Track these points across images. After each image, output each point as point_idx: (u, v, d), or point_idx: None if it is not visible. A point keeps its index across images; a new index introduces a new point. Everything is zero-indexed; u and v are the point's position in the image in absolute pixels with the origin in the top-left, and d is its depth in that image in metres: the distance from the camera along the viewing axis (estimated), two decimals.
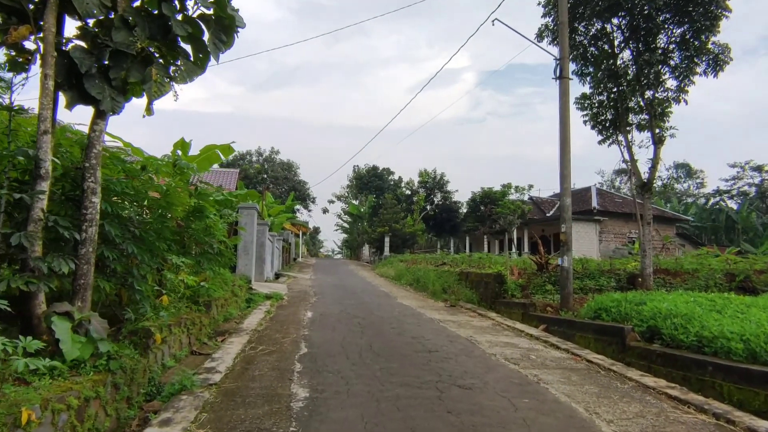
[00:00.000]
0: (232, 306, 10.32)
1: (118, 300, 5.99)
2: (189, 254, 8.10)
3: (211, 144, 8.96)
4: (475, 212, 37.22)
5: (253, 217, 13.31)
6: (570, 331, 8.65)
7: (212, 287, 9.54)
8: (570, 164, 10.97)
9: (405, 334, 8.20)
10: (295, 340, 7.58)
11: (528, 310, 10.55)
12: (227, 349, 6.84)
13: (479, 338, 8.09)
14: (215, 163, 9.26)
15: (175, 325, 6.53)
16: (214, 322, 8.77)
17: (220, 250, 8.78)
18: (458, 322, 10.00)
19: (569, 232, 10.82)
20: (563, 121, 11.05)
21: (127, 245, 5.48)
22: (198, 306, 8.36)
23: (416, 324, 9.44)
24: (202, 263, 8.11)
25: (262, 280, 16.92)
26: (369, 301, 13.13)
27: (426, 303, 13.36)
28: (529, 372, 5.96)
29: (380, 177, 48.57)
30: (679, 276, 12.96)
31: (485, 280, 13.17)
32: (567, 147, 10.98)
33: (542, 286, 12.91)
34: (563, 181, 10.93)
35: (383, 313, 10.79)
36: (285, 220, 28.71)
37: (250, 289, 12.85)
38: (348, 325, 9.00)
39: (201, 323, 7.84)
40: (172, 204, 6.33)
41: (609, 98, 14.89)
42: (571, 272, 10.67)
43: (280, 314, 10.41)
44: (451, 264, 18.90)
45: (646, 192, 12.52)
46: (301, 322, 9.31)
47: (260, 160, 49.83)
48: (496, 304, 12.19)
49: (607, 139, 15.06)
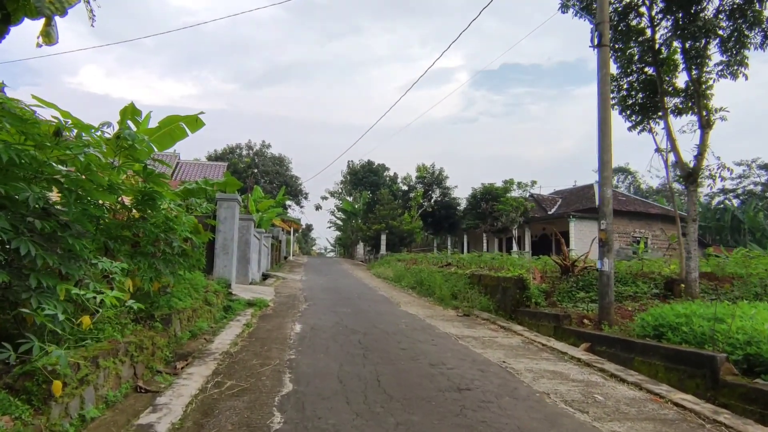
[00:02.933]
0: (204, 318, 8.46)
1: (15, 325, 4.14)
2: (144, 256, 6.24)
3: (173, 115, 7.06)
4: (475, 209, 35.47)
5: (234, 210, 11.44)
6: (625, 354, 6.88)
7: (177, 295, 7.70)
8: (611, 149, 9.19)
9: (420, 359, 6.39)
10: (277, 369, 5.75)
11: (561, 323, 8.78)
12: (182, 385, 4.99)
13: (516, 365, 6.30)
14: (180, 138, 7.38)
15: (108, 354, 4.68)
16: (176, 342, 6.91)
17: (183, 250, 6.92)
18: (480, 338, 8.20)
19: (610, 230, 9.05)
20: (602, 97, 9.27)
21: (21, 244, 3.65)
22: (153, 322, 6.50)
23: (430, 342, 7.64)
24: (157, 266, 6.25)
25: (247, 282, 15.03)
26: (368, 309, 11.31)
27: (434, 311, 11.56)
28: (608, 428, 4.16)
29: (375, 173, 46.63)
30: (727, 281, 11.26)
31: (503, 285, 11.38)
32: (607, 128, 9.20)
33: (569, 292, 11.17)
34: (603, 168, 9.15)
35: (387, 326, 8.97)
36: (275, 215, 26.78)
37: (229, 294, 10.98)
38: (346, 345, 7.18)
39: (154, 346, 5.98)
40: (98, 185, 4.45)
41: (639, 79, 13.19)
42: (612, 278, 8.92)
43: (262, 328, 8.55)
44: (458, 265, 17.09)
45: (692, 183, 10.78)
46: (286, 340, 7.47)
47: (250, 153, 47.74)
48: (518, 314, 10.41)
49: (638, 125, 13.34)
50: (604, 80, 9.27)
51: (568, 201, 37.22)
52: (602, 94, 9.27)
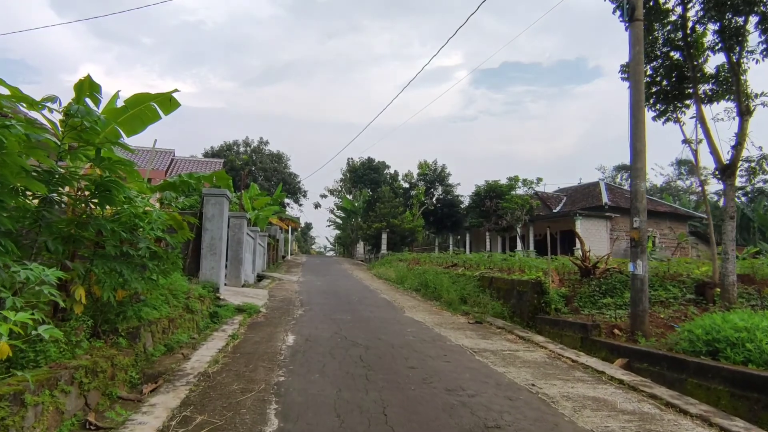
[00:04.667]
0: (184, 328, 7.42)
1: None
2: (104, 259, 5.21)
3: (141, 93, 6.00)
4: (479, 207, 34.35)
5: (223, 206, 10.38)
6: (674, 374, 5.85)
7: (151, 303, 6.67)
8: (645, 136, 8.15)
9: (433, 382, 5.36)
10: (262, 396, 4.71)
11: (590, 334, 7.75)
12: (138, 423, 3.96)
13: (548, 389, 5.27)
14: (151, 121, 6.32)
15: (42, 386, 3.66)
16: (146, 359, 5.88)
17: (154, 252, 5.88)
18: (499, 352, 7.16)
19: (644, 228, 8.03)
20: (635, 78, 8.22)
21: None
22: (117, 337, 5.48)
23: (443, 357, 6.60)
24: (120, 271, 5.21)
25: (239, 284, 13.99)
26: (370, 316, 10.27)
27: (443, 318, 10.51)
28: None
29: (376, 170, 45.48)
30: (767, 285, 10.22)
31: (518, 289, 10.34)
32: (640, 112, 8.17)
33: (591, 296, 10.16)
34: (636, 158, 8.11)
35: (392, 337, 7.94)
36: (271, 213, 25.71)
37: (217, 299, 9.94)
38: (345, 362, 6.15)
39: (114, 367, 4.96)
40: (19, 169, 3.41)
41: (664, 65, 12.15)
42: (646, 282, 7.91)
43: (250, 339, 7.52)
44: (465, 265, 16.03)
45: (729, 177, 9.74)
46: (276, 356, 6.44)
47: (248, 151, 46.61)
48: (537, 322, 9.38)
49: (662, 114, 12.31)
50: (636, 59, 8.23)
51: (573, 199, 36.17)
52: (635, 75, 8.23)
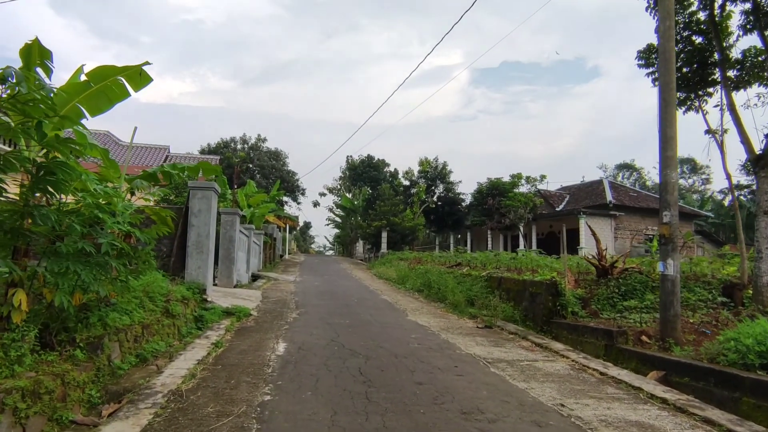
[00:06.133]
0: (162, 335, 6.60)
1: None
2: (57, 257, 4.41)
3: (106, 65, 5.16)
4: (481, 205, 33.53)
5: (211, 201, 9.56)
6: (724, 391, 5.04)
7: (122, 307, 5.85)
8: (675, 122, 7.34)
9: (445, 402, 4.54)
10: (242, 423, 3.90)
11: (615, 341, 6.94)
12: None
13: (581, 410, 4.45)
14: (119, 99, 5.49)
15: None
16: (111, 373, 5.05)
17: (121, 249, 5.07)
18: (516, 363, 6.35)
19: (674, 223, 7.21)
20: (665, 56, 7.41)
21: None
22: (74, 349, 4.66)
23: (453, 370, 5.79)
24: (75, 271, 4.39)
25: (231, 285, 13.17)
26: (370, 320, 9.45)
27: (449, 322, 9.70)
28: None
29: (376, 168, 44.62)
30: None
31: (531, 291, 9.54)
32: (671, 95, 7.35)
33: (609, 298, 9.33)
34: (666, 146, 7.29)
35: (395, 345, 7.13)
36: (268, 211, 24.86)
37: (203, 301, 9.11)
38: (342, 376, 5.34)
39: (65, 386, 4.15)
40: None
41: (686, 50, 11.35)
42: (678, 284, 7.09)
43: (236, 348, 6.70)
44: (470, 265, 15.20)
45: (762, 168, 8.92)
46: (263, 369, 5.62)
47: (245, 148, 45.73)
48: (552, 327, 8.58)
49: (684, 103, 11.51)
50: (666, 35, 7.42)
51: (577, 197, 35.41)
52: (664, 53, 7.42)
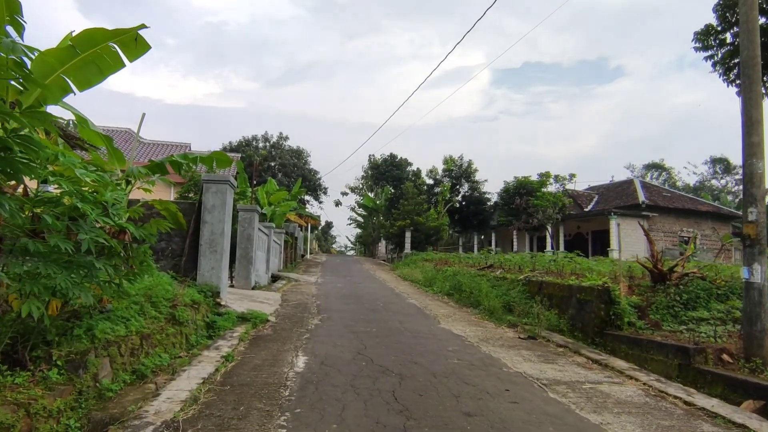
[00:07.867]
0: (165, 345, 5.81)
1: None
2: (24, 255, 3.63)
3: (97, 28, 4.38)
4: (508, 204, 32.31)
5: (226, 196, 8.79)
6: None
7: (118, 315, 5.08)
8: (761, 102, 6.23)
9: None
10: None
11: (692, 360, 5.88)
12: None
13: None
14: (112, 70, 4.73)
15: None
16: (98, 396, 4.25)
17: (110, 248, 4.27)
18: (577, 386, 5.35)
19: (763, 221, 6.11)
20: (748, 27, 6.32)
21: None
22: (49, 368, 3.87)
23: (505, 396, 4.83)
24: (48, 275, 3.60)
25: (248, 286, 12.41)
26: (399, 327, 8.54)
27: (486, 331, 8.72)
28: None
29: (398, 166, 43.68)
30: None
31: (578, 297, 8.49)
32: (755, 71, 6.24)
33: (670, 308, 8.24)
34: (750, 131, 6.20)
35: (431, 360, 6.20)
36: (289, 209, 24.16)
37: (216, 305, 8.34)
38: (373, 403, 4.43)
39: (30, 417, 3.35)
40: None
41: None
42: (767, 294, 5.98)
43: (248, 363, 5.85)
44: (503, 267, 14.15)
45: None
46: (279, 390, 4.75)
47: (267, 146, 45.32)
48: (607, 339, 7.53)
49: None
50: (749, 2, 6.32)
51: (606, 197, 33.83)
52: (747, 22, 6.32)
